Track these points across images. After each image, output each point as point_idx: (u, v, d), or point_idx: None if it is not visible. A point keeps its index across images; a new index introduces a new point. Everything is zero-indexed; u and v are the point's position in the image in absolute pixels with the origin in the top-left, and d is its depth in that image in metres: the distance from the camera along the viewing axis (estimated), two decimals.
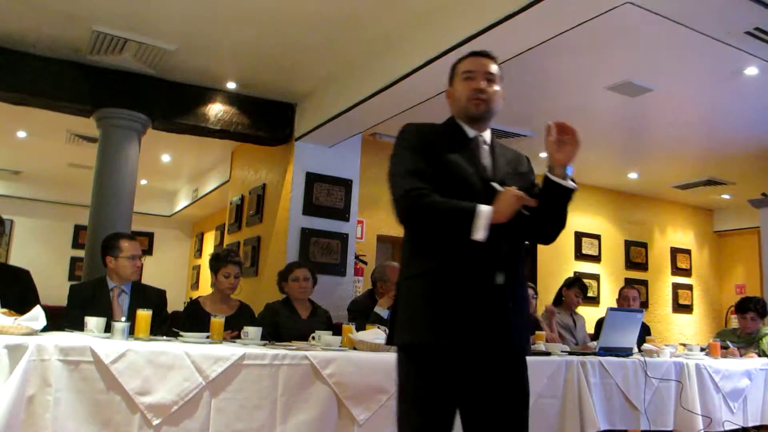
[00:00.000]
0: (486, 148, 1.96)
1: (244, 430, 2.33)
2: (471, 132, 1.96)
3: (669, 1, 2.95)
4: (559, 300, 4.92)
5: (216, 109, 5.27)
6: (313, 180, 5.43)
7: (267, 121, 5.47)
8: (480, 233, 1.72)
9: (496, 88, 1.96)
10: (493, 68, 1.98)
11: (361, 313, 3.89)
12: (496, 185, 1.81)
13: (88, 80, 4.83)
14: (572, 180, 1.87)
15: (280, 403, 2.41)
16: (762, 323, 4.81)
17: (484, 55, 2.01)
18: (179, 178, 9.16)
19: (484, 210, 1.73)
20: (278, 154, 5.70)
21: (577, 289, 4.80)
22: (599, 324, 4.60)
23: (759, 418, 4.02)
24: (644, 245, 8.29)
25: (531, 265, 7.28)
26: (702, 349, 4.27)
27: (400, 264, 1.98)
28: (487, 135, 1.99)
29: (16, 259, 9.02)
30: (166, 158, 7.82)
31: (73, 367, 2.11)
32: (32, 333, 2.23)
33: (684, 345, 4.77)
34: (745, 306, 4.76)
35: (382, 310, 3.83)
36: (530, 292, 4.57)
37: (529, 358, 3.29)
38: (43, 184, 9.28)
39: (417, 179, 1.82)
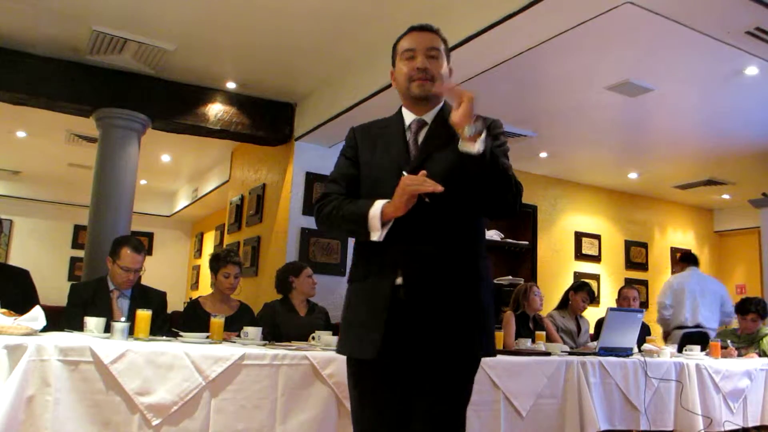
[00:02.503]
0: (424, 131, 1.82)
1: (244, 430, 2.33)
2: (409, 117, 1.84)
3: (669, 1, 2.95)
4: (564, 303, 4.89)
5: (216, 109, 5.27)
6: (312, 180, 5.43)
7: (267, 121, 5.47)
8: (376, 234, 1.67)
9: (441, 64, 1.81)
10: (436, 43, 1.83)
11: None
12: (405, 173, 1.65)
13: (88, 80, 4.83)
14: (494, 142, 1.71)
15: (279, 403, 2.41)
16: (762, 323, 4.81)
17: (426, 29, 1.85)
18: (179, 178, 9.15)
19: (375, 209, 1.66)
20: (278, 154, 5.70)
21: (585, 294, 4.76)
22: (599, 324, 4.60)
23: (759, 418, 4.02)
24: (644, 245, 8.29)
25: (531, 265, 7.27)
26: (702, 350, 4.27)
27: None
28: (429, 116, 1.84)
29: (16, 259, 9.02)
30: (166, 158, 7.82)
31: (73, 368, 2.11)
32: (32, 333, 2.23)
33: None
34: (745, 307, 4.76)
35: None
36: (537, 288, 4.54)
37: (529, 358, 3.29)
38: (43, 184, 9.28)
39: (335, 185, 1.86)
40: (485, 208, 1.78)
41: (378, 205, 1.67)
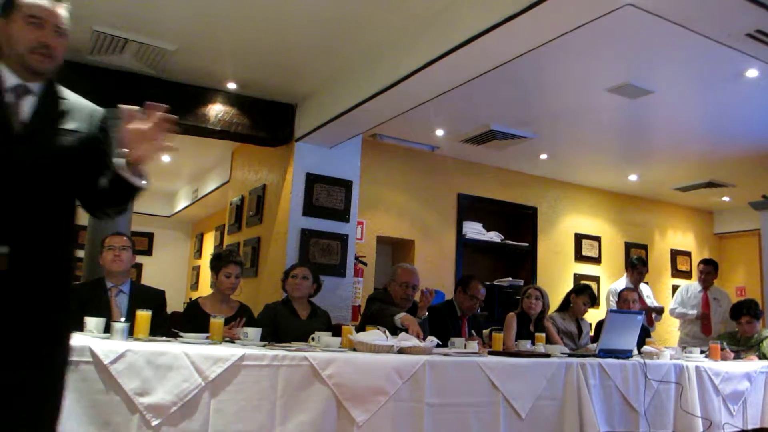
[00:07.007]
0: (29, 99, 1.71)
1: (244, 431, 2.33)
2: (13, 79, 1.70)
3: (670, 3, 2.95)
4: (566, 305, 4.87)
5: (216, 110, 5.27)
6: (313, 181, 5.42)
7: (267, 122, 5.46)
8: None
9: (65, 44, 1.75)
10: (64, 19, 1.75)
11: (383, 301, 3.92)
12: None
13: (89, 80, 4.82)
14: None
15: (279, 404, 2.41)
16: (760, 325, 4.82)
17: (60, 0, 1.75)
18: (179, 179, 9.15)
19: None
20: (278, 154, 5.70)
21: (587, 297, 4.74)
22: (599, 326, 4.60)
23: (758, 420, 4.02)
24: (644, 247, 8.29)
25: (531, 267, 7.27)
26: (702, 352, 4.28)
27: None
28: (36, 86, 1.73)
29: None
30: (166, 158, 7.81)
31: (72, 368, 2.10)
32: None
33: (684, 347, 4.76)
34: (737, 312, 4.79)
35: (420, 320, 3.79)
36: (536, 293, 4.51)
37: (529, 360, 3.28)
38: None
39: None
40: (84, 199, 1.80)
41: None
